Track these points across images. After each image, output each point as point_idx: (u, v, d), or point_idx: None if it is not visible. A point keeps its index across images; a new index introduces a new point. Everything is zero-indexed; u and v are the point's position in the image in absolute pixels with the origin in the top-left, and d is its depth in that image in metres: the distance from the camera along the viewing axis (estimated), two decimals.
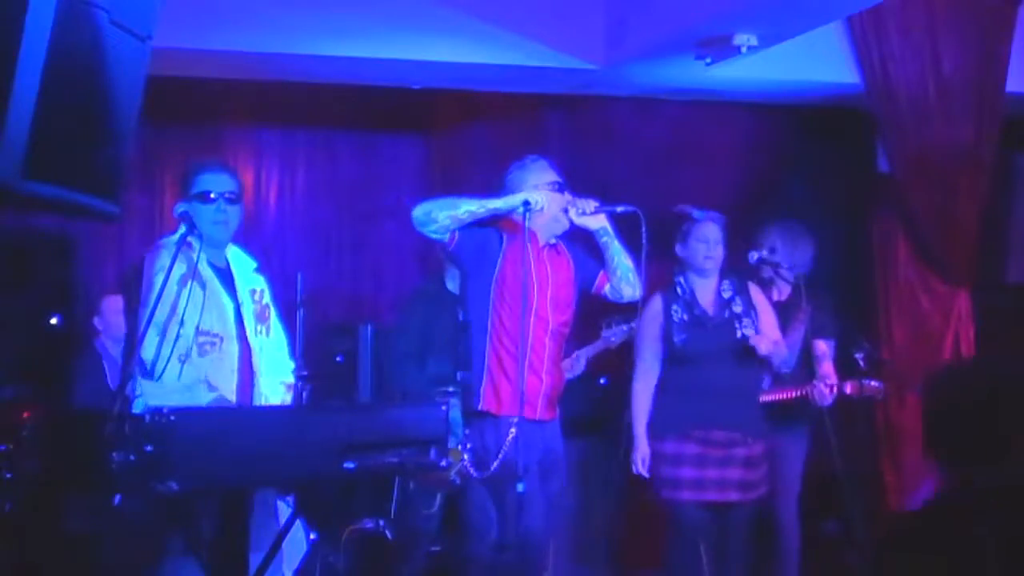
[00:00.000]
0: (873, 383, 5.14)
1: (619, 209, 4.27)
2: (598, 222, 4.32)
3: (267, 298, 3.97)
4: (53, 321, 5.39)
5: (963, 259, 6.14)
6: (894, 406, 6.17)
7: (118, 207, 2.59)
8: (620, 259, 4.34)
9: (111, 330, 5.21)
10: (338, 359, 5.52)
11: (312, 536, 3.95)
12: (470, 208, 4.19)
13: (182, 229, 3.73)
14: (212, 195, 3.79)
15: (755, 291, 4.84)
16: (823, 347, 5.14)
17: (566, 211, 4.29)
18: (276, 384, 3.92)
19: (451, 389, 4.13)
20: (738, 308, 4.70)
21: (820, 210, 6.38)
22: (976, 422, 2.32)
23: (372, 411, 3.59)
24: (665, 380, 4.67)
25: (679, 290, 4.73)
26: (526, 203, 4.16)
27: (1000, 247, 6.67)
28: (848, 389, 5.13)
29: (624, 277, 4.36)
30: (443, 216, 4.16)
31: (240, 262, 3.95)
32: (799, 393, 5.01)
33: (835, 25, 5.76)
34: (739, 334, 4.64)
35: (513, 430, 4.05)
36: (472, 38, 5.58)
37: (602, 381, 5.61)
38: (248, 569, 3.31)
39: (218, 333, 3.73)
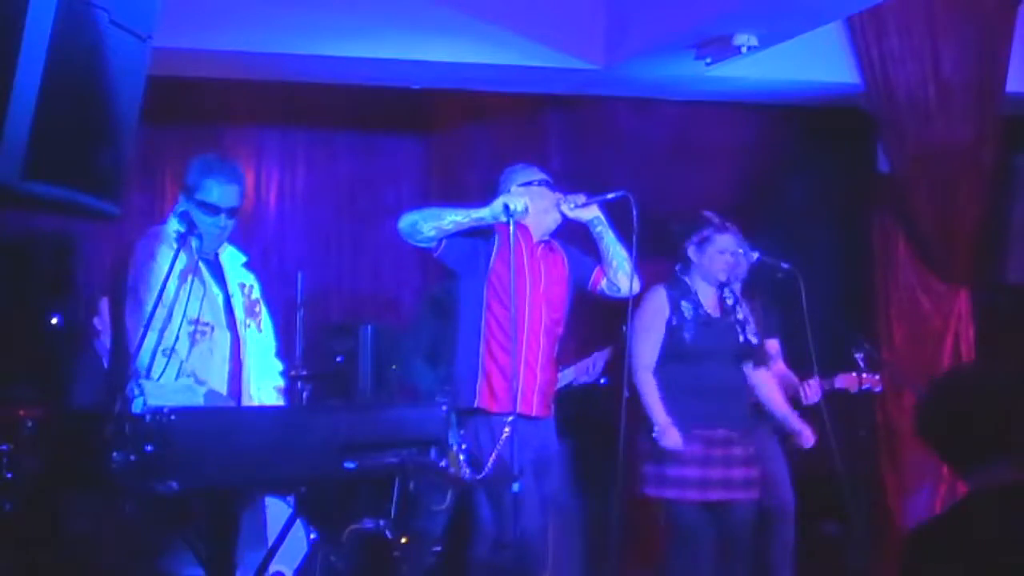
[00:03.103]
0: (867, 375, 5.16)
1: (610, 196, 4.30)
2: (591, 213, 4.37)
3: (256, 293, 3.95)
4: (53, 321, 5.39)
5: (963, 259, 6.13)
6: (894, 406, 6.17)
7: (118, 207, 2.60)
8: (615, 249, 4.37)
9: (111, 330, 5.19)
10: (338, 359, 5.52)
11: (312, 536, 3.96)
12: (455, 219, 4.25)
13: (181, 228, 3.70)
14: (217, 209, 3.75)
15: (745, 303, 4.86)
16: (775, 346, 5.19)
17: (558, 207, 4.34)
18: (268, 388, 3.92)
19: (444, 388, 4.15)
20: (740, 315, 4.74)
21: (820, 210, 6.39)
22: (967, 424, 2.34)
23: (372, 411, 3.59)
24: (667, 377, 4.63)
25: (686, 287, 4.73)
26: (505, 207, 4.21)
27: (1000, 247, 6.65)
28: (840, 383, 5.15)
29: (620, 267, 4.38)
30: (428, 227, 4.22)
31: (230, 257, 3.93)
32: (789, 394, 5.03)
33: (835, 25, 5.76)
34: (742, 339, 4.68)
35: (507, 429, 4.06)
36: (472, 38, 5.57)
37: (602, 381, 5.60)
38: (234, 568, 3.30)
39: (209, 322, 3.72)
